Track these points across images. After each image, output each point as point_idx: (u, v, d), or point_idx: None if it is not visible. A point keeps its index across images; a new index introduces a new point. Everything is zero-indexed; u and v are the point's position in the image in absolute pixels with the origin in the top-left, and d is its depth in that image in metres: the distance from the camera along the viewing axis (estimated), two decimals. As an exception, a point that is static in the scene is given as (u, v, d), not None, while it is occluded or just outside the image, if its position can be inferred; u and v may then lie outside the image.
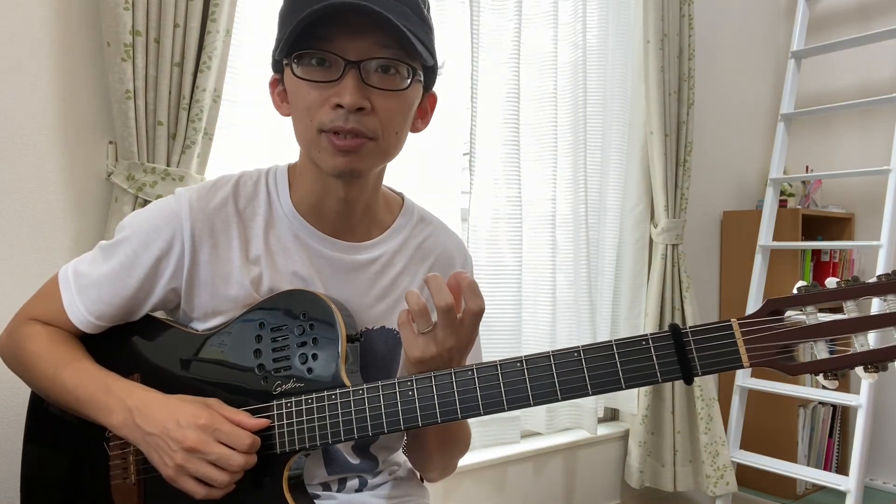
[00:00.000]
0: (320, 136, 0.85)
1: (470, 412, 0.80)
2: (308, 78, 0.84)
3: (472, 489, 2.09)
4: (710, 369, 0.74)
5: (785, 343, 0.73)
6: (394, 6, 0.83)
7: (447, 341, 0.82)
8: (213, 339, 0.92)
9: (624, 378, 0.76)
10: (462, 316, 0.82)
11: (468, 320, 0.82)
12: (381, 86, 0.85)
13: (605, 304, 2.43)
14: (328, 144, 0.85)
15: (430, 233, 1.06)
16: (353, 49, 0.83)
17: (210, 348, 0.92)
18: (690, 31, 2.50)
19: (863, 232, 2.97)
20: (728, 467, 2.42)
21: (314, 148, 0.87)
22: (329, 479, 1.00)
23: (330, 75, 0.83)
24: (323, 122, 0.84)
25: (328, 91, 0.84)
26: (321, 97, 0.84)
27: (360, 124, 0.84)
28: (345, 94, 0.82)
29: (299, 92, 0.86)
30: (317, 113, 0.84)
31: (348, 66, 0.82)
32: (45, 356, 0.92)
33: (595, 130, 2.33)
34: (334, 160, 0.86)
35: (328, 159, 0.86)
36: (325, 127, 0.84)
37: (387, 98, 0.85)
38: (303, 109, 0.86)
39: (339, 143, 0.84)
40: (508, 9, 2.04)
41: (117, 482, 0.92)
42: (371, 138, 0.86)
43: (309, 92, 0.84)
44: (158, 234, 0.91)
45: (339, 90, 0.83)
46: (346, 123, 0.83)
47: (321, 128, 0.85)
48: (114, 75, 1.36)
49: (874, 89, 2.93)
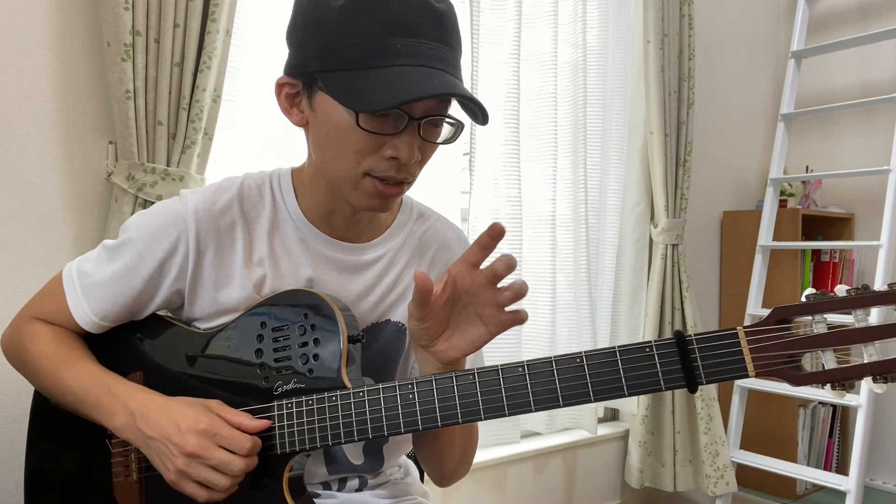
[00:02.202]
0: (364, 179, 0.86)
1: (471, 417, 0.80)
2: (371, 130, 0.82)
3: (472, 489, 2.09)
4: (715, 378, 0.73)
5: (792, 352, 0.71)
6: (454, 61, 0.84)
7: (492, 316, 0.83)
8: (215, 338, 0.92)
9: (627, 385, 0.75)
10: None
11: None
12: (431, 139, 0.86)
13: (605, 304, 2.43)
14: (372, 188, 0.86)
15: (430, 226, 1.07)
16: (419, 106, 0.82)
17: (212, 347, 0.92)
18: (690, 31, 2.49)
19: (863, 232, 2.97)
20: (728, 467, 2.42)
21: (351, 186, 0.87)
22: (329, 479, 1.01)
23: (390, 128, 0.82)
24: (374, 168, 0.84)
25: (382, 140, 0.83)
26: (375, 145, 0.83)
27: (408, 173, 0.86)
28: (403, 149, 0.83)
29: (351, 135, 0.83)
30: (366, 158, 0.84)
31: (411, 121, 0.82)
32: (48, 356, 0.92)
33: (595, 130, 2.32)
34: (371, 202, 0.88)
35: (364, 200, 0.88)
36: (374, 173, 0.85)
37: (431, 148, 0.88)
38: (350, 151, 0.84)
39: (384, 190, 0.86)
40: (508, 9, 2.04)
41: (119, 479, 0.93)
42: (410, 182, 0.89)
43: (364, 138, 0.83)
44: (163, 236, 0.91)
45: (398, 144, 0.83)
46: (398, 174, 0.85)
47: (370, 173, 0.85)
48: (114, 75, 1.36)
49: (874, 89, 2.93)
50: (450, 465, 1.03)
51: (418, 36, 0.80)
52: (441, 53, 0.81)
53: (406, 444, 1.11)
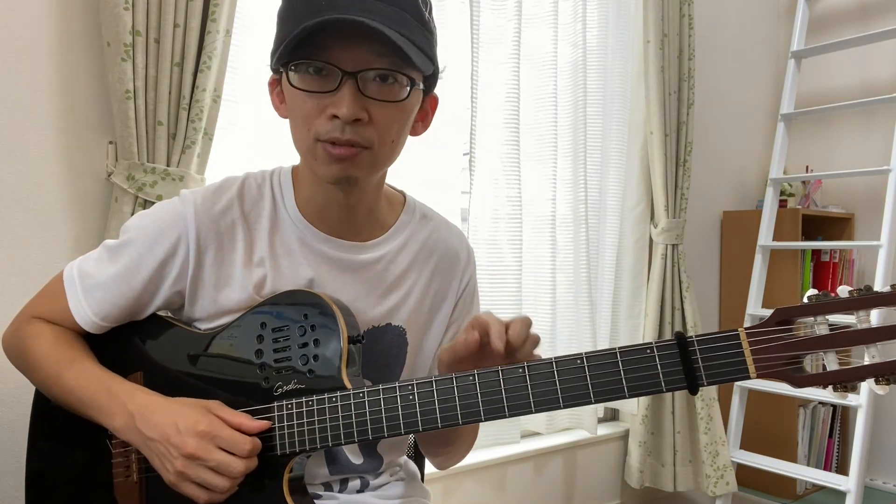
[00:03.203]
0: (316, 145, 0.85)
1: (471, 418, 0.80)
2: (305, 88, 0.83)
3: (472, 489, 2.09)
4: (716, 379, 0.73)
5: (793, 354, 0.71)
6: (392, 13, 0.82)
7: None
8: (216, 339, 0.92)
9: (627, 387, 0.75)
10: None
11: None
12: (378, 97, 0.84)
13: (605, 304, 2.43)
14: (324, 153, 0.85)
15: (433, 229, 1.06)
16: (349, 59, 0.82)
17: (212, 347, 0.92)
18: (690, 31, 2.49)
19: (863, 232, 2.97)
20: (728, 467, 2.42)
21: (311, 156, 0.87)
22: (331, 480, 1.01)
23: (327, 85, 0.83)
24: (319, 132, 0.84)
25: (325, 100, 0.83)
26: (318, 106, 0.83)
27: (357, 135, 0.84)
28: (341, 106, 0.81)
29: (296, 100, 0.85)
30: (313, 122, 0.84)
31: (345, 76, 0.82)
32: (49, 356, 0.92)
33: (595, 130, 2.32)
34: (329, 168, 0.86)
35: (324, 168, 0.86)
36: (321, 137, 0.84)
37: (384, 108, 0.85)
38: (300, 118, 0.85)
39: (334, 152, 0.84)
40: (508, 9, 2.04)
41: (119, 480, 0.93)
42: (366, 147, 0.85)
43: (305, 101, 0.84)
44: (163, 237, 0.91)
45: (336, 101, 0.82)
46: (343, 134, 0.83)
47: (317, 137, 0.84)
48: (114, 75, 1.36)
49: (874, 89, 2.93)
50: (451, 449, 1.05)
51: None
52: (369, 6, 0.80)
53: (403, 443, 1.11)
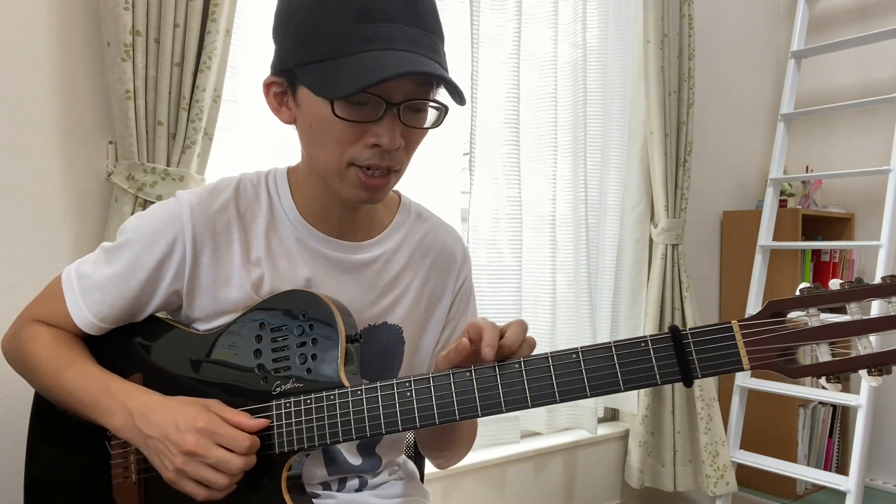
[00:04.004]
0: (349, 169, 0.86)
1: (468, 413, 0.80)
2: (348, 118, 0.82)
3: (472, 489, 2.09)
4: (710, 371, 0.73)
5: (786, 345, 0.72)
6: (430, 44, 0.83)
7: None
8: (214, 340, 0.92)
9: (623, 380, 0.76)
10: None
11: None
12: (414, 124, 0.86)
13: (605, 304, 2.43)
14: (356, 178, 0.86)
15: (429, 229, 1.07)
16: (396, 91, 0.82)
17: (210, 348, 0.92)
18: (690, 31, 2.49)
19: (863, 232, 2.97)
20: (728, 467, 2.42)
21: (337, 177, 0.87)
22: (329, 479, 1.01)
23: (369, 115, 0.82)
24: (357, 157, 0.84)
25: (363, 128, 0.83)
26: (356, 133, 0.83)
27: (393, 161, 0.86)
28: (384, 136, 0.82)
29: (331, 125, 0.84)
30: (349, 148, 0.84)
31: (389, 107, 0.82)
32: (48, 357, 0.92)
33: (595, 130, 2.32)
34: (358, 193, 0.88)
35: (352, 191, 0.88)
36: (358, 162, 0.85)
37: (416, 133, 0.87)
38: (331, 141, 0.85)
39: (369, 182, 0.86)
40: (508, 9, 2.04)
41: (118, 481, 0.93)
42: (396, 171, 0.88)
43: (344, 127, 0.83)
44: (160, 237, 0.92)
45: (379, 131, 0.83)
46: (382, 161, 0.85)
47: (353, 162, 0.85)
48: (114, 75, 1.36)
49: (874, 89, 2.93)
50: (452, 449, 1.05)
51: (389, 20, 0.80)
52: (413, 36, 0.81)
53: (401, 444, 1.11)
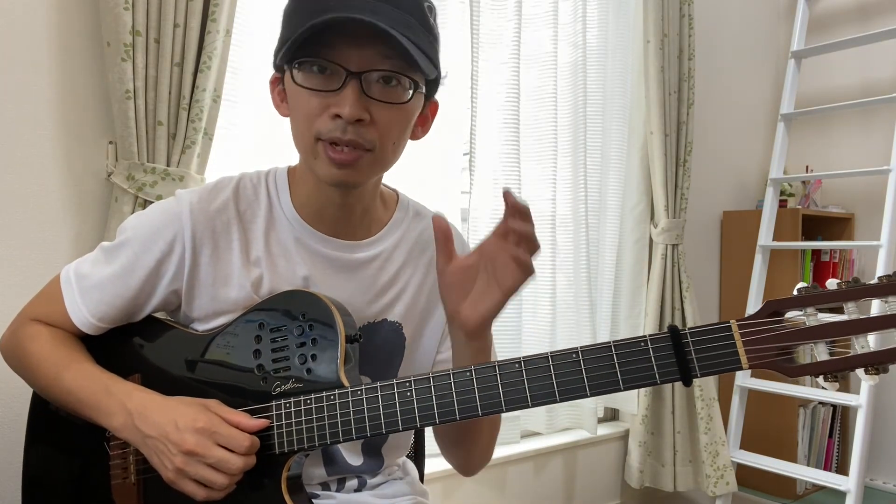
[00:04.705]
0: (317, 144, 0.86)
1: (468, 413, 0.80)
2: (308, 86, 0.84)
3: (472, 489, 2.09)
4: (709, 371, 0.74)
5: (784, 345, 0.72)
6: (398, 17, 0.82)
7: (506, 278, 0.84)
8: (213, 340, 0.92)
9: (622, 379, 0.76)
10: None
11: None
12: (381, 98, 0.85)
13: (605, 304, 2.43)
14: (324, 154, 0.85)
15: (427, 226, 1.07)
16: (355, 59, 0.82)
17: (210, 349, 0.92)
18: (690, 31, 2.49)
19: (863, 232, 2.97)
20: (728, 467, 2.42)
21: (311, 155, 0.88)
22: (328, 479, 1.01)
23: (330, 84, 0.83)
24: (321, 130, 0.84)
25: (328, 100, 0.83)
26: (321, 105, 0.84)
27: (358, 136, 0.84)
28: (344, 105, 0.82)
29: (299, 98, 0.85)
30: (315, 121, 0.84)
31: (349, 76, 0.82)
32: (47, 357, 0.92)
33: (595, 130, 2.33)
34: (330, 171, 0.87)
35: (324, 169, 0.87)
36: (322, 136, 0.85)
37: (386, 110, 0.86)
38: (301, 116, 0.86)
39: (336, 157, 0.85)
40: (508, 9, 2.04)
41: (117, 482, 0.93)
42: (368, 150, 0.86)
43: (308, 99, 0.84)
44: (159, 237, 0.92)
45: (339, 100, 0.82)
46: (344, 134, 0.83)
47: (318, 136, 0.85)
48: (114, 75, 1.36)
49: (874, 89, 2.93)
50: (477, 451, 1.04)
51: None
52: (376, 7, 0.81)
53: (405, 445, 1.11)
